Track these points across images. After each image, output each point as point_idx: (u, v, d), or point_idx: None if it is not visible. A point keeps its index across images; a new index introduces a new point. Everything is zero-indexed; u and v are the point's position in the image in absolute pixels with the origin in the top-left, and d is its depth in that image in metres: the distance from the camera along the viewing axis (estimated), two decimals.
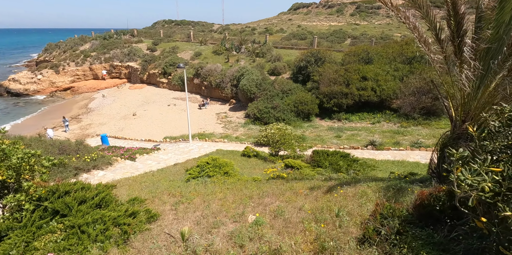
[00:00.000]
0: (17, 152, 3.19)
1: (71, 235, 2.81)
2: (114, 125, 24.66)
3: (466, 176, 1.71)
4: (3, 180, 3.21)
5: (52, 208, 3.17)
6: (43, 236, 2.93)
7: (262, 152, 12.19)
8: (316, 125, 20.64)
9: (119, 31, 43.59)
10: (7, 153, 3.15)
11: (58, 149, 9.29)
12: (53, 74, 34.97)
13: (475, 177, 1.68)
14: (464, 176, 1.72)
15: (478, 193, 1.65)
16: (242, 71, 25.16)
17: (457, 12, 3.59)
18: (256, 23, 60.27)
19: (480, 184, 1.64)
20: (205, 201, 4.09)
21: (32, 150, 7.66)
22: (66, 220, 3.06)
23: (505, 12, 3.89)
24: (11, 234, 2.79)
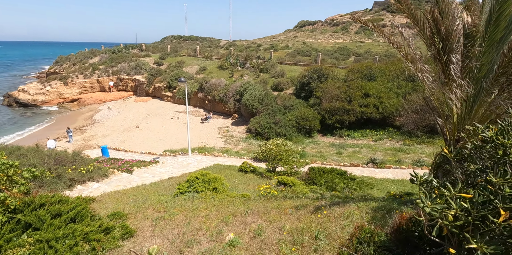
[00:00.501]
0: None
1: (37, 250, 2.71)
2: (116, 137, 24.79)
3: (425, 203, 1.59)
4: None
5: (25, 221, 3.08)
6: (10, 250, 2.83)
7: (259, 167, 12.02)
8: (318, 142, 20.47)
9: (128, 45, 44.94)
10: None
11: (54, 159, 9.28)
12: (61, 85, 35.79)
13: (435, 205, 1.56)
14: (423, 203, 1.60)
15: (444, 221, 1.53)
16: (245, 86, 25.43)
17: (439, 29, 3.57)
18: (262, 39, 61.65)
19: (442, 212, 1.52)
20: (187, 218, 3.96)
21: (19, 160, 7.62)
22: (37, 234, 2.96)
23: (499, 29, 3.88)
24: None
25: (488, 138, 1.99)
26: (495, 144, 1.92)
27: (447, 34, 3.58)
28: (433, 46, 3.70)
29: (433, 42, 3.68)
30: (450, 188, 1.68)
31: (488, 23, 3.84)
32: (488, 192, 1.58)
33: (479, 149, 2.09)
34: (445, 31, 3.57)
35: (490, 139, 1.97)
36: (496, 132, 1.99)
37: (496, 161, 1.90)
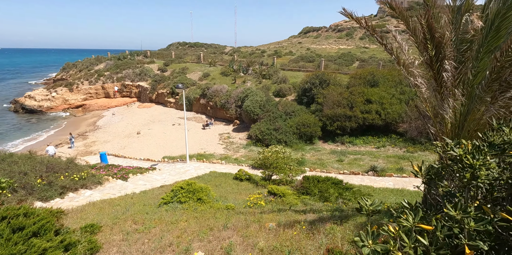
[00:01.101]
0: None
1: None
2: (117, 143, 24.81)
3: (365, 241, 1.36)
4: None
5: None
6: None
7: (256, 175, 11.79)
8: (319, 149, 20.16)
9: (133, 52, 45.51)
10: None
11: (46, 167, 9.19)
12: (66, 92, 36.23)
13: (377, 246, 1.33)
14: (363, 241, 1.37)
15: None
16: (246, 92, 25.36)
17: (432, 35, 3.37)
18: (267, 46, 61.97)
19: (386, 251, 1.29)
20: (163, 231, 3.76)
21: (9, 167, 7.49)
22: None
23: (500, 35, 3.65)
24: None
25: (457, 156, 1.77)
26: (463, 164, 1.70)
27: (439, 40, 3.37)
28: (425, 52, 3.49)
29: (425, 48, 3.47)
30: (409, 216, 1.47)
31: (489, 28, 3.62)
32: (453, 223, 1.36)
33: (446, 168, 1.88)
34: (438, 37, 3.37)
35: (458, 157, 1.75)
36: (467, 149, 1.78)
37: (465, 184, 1.68)
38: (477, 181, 1.62)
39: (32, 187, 8.57)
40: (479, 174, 1.63)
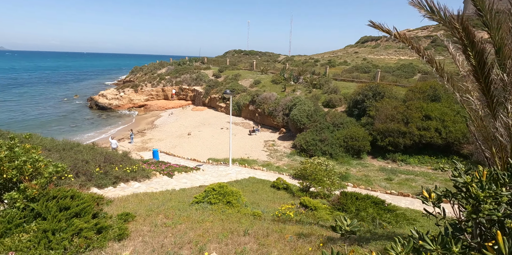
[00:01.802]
0: (23, 156, 3.55)
1: (34, 238, 2.93)
2: (169, 142, 26.60)
3: None
4: (8, 178, 3.58)
5: (37, 210, 3.37)
6: (16, 234, 3.11)
7: (294, 185, 11.56)
8: (366, 164, 18.99)
9: (191, 58, 48.88)
10: (17, 155, 3.53)
11: (104, 157, 10.29)
12: (132, 92, 40.26)
13: None
14: None
15: None
16: (295, 101, 25.22)
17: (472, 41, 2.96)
18: (321, 55, 61.07)
19: None
20: (187, 228, 3.92)
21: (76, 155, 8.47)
22: (42, 223, 3.21)
23: None
24: None
25: (463, 183, 1.51)
26: (468, 194, 1.44)
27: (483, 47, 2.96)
28: (467, 60, 3.09)
29: (467, 57, 3.08)
30: (398, 247, 1.29)
31: None
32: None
33: (451, 197, 1.61)
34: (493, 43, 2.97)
35: (464, 186, 1.49)
36: (479, 177, 1.50)
37: (467, 217, 1.41)
38: (478, 215, 1.37)
39: (91, 174, 9.66)
40: (482, 207, 1.38)
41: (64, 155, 8.98)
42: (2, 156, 3.33)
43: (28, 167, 3.63)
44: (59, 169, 3.99)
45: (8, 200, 3.43)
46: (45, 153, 8.88)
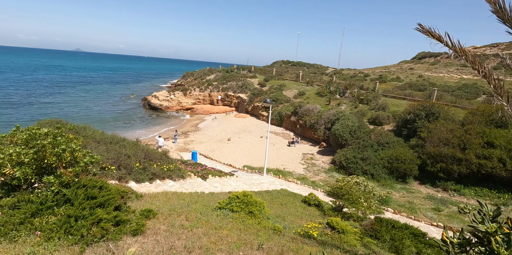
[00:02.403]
0: (63, 144, 3.83)
1: (57, 221, 3.09)
2: (209, 145, 27.37)
3: None
4: (49, 164, 3.87)
5: (67, 196, 3.58)
6: (45, 215, 3.32)
7: (327, 203, 10.94)
8: (412, 190, 17.36)
9: (239, 66, 50.43)
10: (58, 144, 3.82)
11: (144, 154, 10.86)
12: (181, 95, 42.60)
13: None
14: None
15: None
16: (338, 115, 24.33)
17: None
18: (372, 69, 58.56)
19: None
20: (203, 233, 3.83)
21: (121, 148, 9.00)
22: (70, 209, 3.39)
23: None
24: (23, 206, 3.28)
25: (485, 233, 1.13)
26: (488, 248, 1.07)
27: None
28: None
29: None
30: None
31: None
32: None
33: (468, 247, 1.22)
34: None
35: (486, 236, 1.11)
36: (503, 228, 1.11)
37: None
38: None
39: (131, 168, 10.23)
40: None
41: (110, 148, 9.65)
42: (46, 143, 3.62)
43: (67, 155, 3.90)
44: (93, 159, 4.23)
45: (46, 183, 3.69)
46: (94, 144, 9.64)
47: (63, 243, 2.89)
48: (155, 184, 10.67)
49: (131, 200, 5.19)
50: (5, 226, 2.97)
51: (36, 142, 3.60)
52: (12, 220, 3.05)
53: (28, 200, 3.41)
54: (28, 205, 3.29)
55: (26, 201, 3.41)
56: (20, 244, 2.80)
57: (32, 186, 3.94)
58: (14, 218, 3.08)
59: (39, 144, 3.56)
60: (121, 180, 9.86)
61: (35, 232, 3.08)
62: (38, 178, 3.80)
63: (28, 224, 3.09)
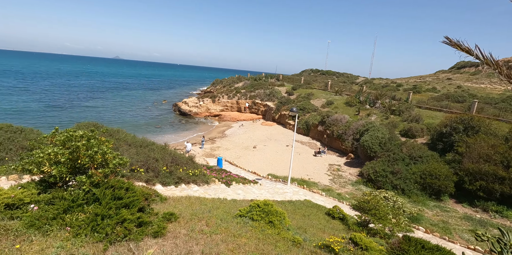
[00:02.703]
0: (96, 147, 4.07)
1: (85, 219, 3.27)
2: (235, 152, 27.62)
3: None
4: (82, 164, 4.13)
5: (96, 195, 3.79)
6: (75, 212, 3.53)
7: (352, 217, 10.51)
8: (447, 208, 16.17)
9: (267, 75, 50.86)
10: (90, 146, 4.08)
11: (171, 158, 11.21)
12: (210, 102, 43.68)
13: None
14: None
15: None
16: (368, 126, 23.53)
17: None
18: (406, 79, 56.21)
19: None
20: (221, 240, 3.84)
21: (150, 152, 9.35)
22: (97, 207, 3.58)
23: None
24: (57, 202, 3.51)
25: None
26: None
27: None
28: None
29: None
30: None
31: None
32: None
33: None
34: None
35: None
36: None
37: None
38: None
39: (159, 172, 10.59)
40: None
41: (140, 151, 10.08)
42: (80, 144, 3.88)
43: (98, 157, 4.13)
44: (122, 162, 4.44)
45: (78, 182, 3.93)
46: (125, 147, 10.12)
47: (89, 240, 3.04)
48: (180, 187, 10.92)
49: (156, 203, 5.35)
50: (39, 220, 3.19)
51: (71, 143, 3.87)
52: (46, 215, 3.28)
53: (61, 197, 3.65)
54: (61, 202, 3.52)
55: (60, 198, 3.65)
56: (51, 238, 2.99)
57: (67, 184, 4.22)
58: (48, 213, 3.30)
59: (74, 145, 3.82)
60: (149, 183, 10.22)
61: (65, 227, 3.28)
62: (72, 177, 4.06)
63: (60, 220, 3.30)
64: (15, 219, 3.30)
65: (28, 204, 3.57)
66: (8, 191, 3.71)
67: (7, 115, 35.13)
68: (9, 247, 2.68)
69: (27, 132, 9.89)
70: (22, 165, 3.97)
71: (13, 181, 7.08)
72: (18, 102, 43.25)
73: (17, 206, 3.51)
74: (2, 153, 8.69)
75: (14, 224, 3.11)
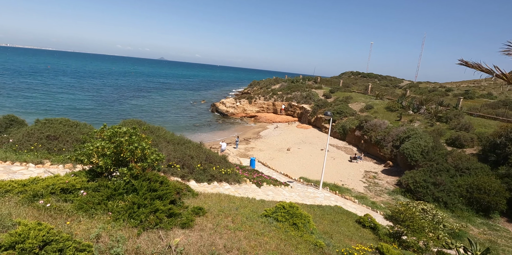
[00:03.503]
0: (136, 142, 4.50)
1: (124, 206, 3.66)
2: (268, 154, 27.80)
3: None
4: (124, 157, 4.59)
5: (135, 186, 4.20)
6: (116, 200, 3.96)
7: (384, 227, 10.07)
8: (497, 227, 14.72)
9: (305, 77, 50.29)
10: (132, 141, 4.52)
11: (206, 156, 11.71)
12: (246, 103, 44.43)
13: None
14: None
15: None
16: (409, 132, 22.23)
17: None
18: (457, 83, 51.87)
19: None
20: (244, 237, 4.02)
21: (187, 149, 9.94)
22: (135, 197, 3.98)
23: None
24: (102, 190, 3.97)
25: None
26: None
27: None
28: None
29: None
30: None
31: None
32: None
33: None
34: None
35: None
36: None
37: None
38: None
39: (193, 169, 11.15)
40: None
41: (177, 148, 10.71)
42: (123, 140, 4.33)
43: (138, 152, 4.57)
44: (158, 157, 4.85)
45: (120, 173, 4.39)
46: (164, 144, 10.82)
47: (126, 224, 3.42)
48: (212, 185, 11.38)
49: (187, 197, 5.72)
50: (87, 204, 3.66)
51: (116, 138, 4.34)
52: (92, 200, 3.74)
53: (106, 186, 4.11)
54: (105, 190, 3.98)
55: (104, 186, 4.12)
56: (95, 220, 3.43)
57: (111, 174, 4.72)
58: (94, 198, 3.76)
59: (118, 140, 4.28)
60: (184, 178, 10.80)
61: (107, 212, 3.71)
62: (115, 168, 4.54)
63: (103, 205, 3.75)
64: (67, 202, 3.81)
65: (78, 189, 4.09)
66: (63, 178, 4.28)
67: (65, 110, 39.21)
68: (62, 224, 3.14)
69: (81, 126, 11.05)
70: (76, 156, 4.54)
71: (68, 169, 8.01)
72: (74, 100, 48.04)
73: (70, 190, 4.04)
74: (61, 144, 9.83)
75: (67, 206, 3.60)
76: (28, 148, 9.37)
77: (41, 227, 2.54)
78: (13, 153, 8.72)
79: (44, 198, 3.66)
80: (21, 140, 9.57)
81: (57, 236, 2.55)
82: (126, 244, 3.05)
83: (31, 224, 2.54)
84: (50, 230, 2.57)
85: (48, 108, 39.31)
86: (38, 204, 3.48)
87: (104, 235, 3.11)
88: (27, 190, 3.80)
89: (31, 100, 43.71)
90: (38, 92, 51.46)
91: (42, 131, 10.04)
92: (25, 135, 9.77)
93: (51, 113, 35.88)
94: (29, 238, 2.41)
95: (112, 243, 2.98)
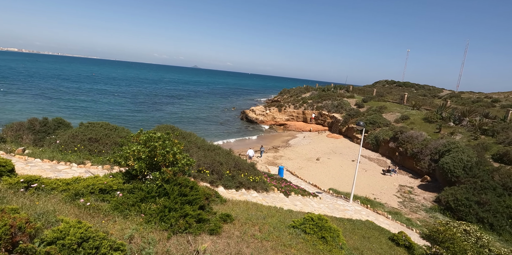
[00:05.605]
0: (168, 147, 4.66)
1: (156, 209, 3.78)
2: (297, 163, 27.38)
3: None
4: (157, 161, 4.77)
5: (167, 190, 4.33)
6: (149, 203, 4.10)
7: (420, 247, 9.37)
8: None
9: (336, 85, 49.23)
10: (165, 146, 4.69)
11: (235, 163, 11.81)
12: (276, 111, 44.43)
13: None
14: None
15: None
16: (450, 146, 20.76)
17: None
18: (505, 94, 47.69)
19: None
20: (271, 247, 3.94)
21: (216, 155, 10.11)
22: (166, 201, 4.09)
23: None
24: (136, 192, 4.14)
25: None
26: None
27: None
28: None
29: None
30: None
31: None
32: None
33: None
34: None
35: None
36: None
37: None
38: None
39: (222, 175, 11.28)
40: None
41: (207, 154, 10.93)
42: (157, 145, 4.51)
43: (170, 156, 4.72)
44: (189, 162, 4.97)
45: (153, 177, 4.55)
46: (195, 149, 11.10)
47: (157, 227, 3.52)
48: (240, 192, 11.40)
49: (216, 203, 5.77)
50: (122, 205, 3.83)
51: (151, 143, 4.53)
52: (127, 201, 3.91)
53: (140, 188, 4.29)
54: (139, 192, 4.14)
55: (139, 188, 4.30)
56: (129, 221, 3.57)
57: (145, 177, 4.91)
58: (129, 200, 3.93)
59: (152, 145, 4.47)
60: (212, 184, 10.96)
61: (140, 214, 3.85)
62: (149, 172, 4.72)
63: (137, 207, 3.90)
64: (104, 202, 4.02)
65: (115, 190, 4.30)
66: (102, 178, 4.53)
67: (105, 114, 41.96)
68: (99, 223, 3.31)
69: (119, 130, 11.72)
70: (114, 158, 4.80)
71: (106, 170, 8.49)
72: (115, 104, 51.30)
73: (107, 191, 4.26)
74: (101, 146, 10.48)
75: (104, 206, 3.80)
76: (72, 148, 10.11)
77: (81, 225, 2.69)
78: (59, 153, 9.45)
79: (84, 197, 3.90)
80: (66, 141, 10.37)
81: (94, 234, 2.69)
82: (157, 247, 3.13)
83: (72, 221, 2.71)
84: (88, 228, 2.72)
85: (88, 114, 42.36)
86: (79, 202, 3.72)
87: (136, 236, 3.22)
88: (70, 189, 4.07)
89: (79, 104, 47.58)
90: (85, 96, 55.92)
91: (85, 133, 10.80)
92: (70, 137, 10.58)
93: (93, 117, 38.60)
94: (69, 235, 2.56)
95: (144, 245, 3.08)
